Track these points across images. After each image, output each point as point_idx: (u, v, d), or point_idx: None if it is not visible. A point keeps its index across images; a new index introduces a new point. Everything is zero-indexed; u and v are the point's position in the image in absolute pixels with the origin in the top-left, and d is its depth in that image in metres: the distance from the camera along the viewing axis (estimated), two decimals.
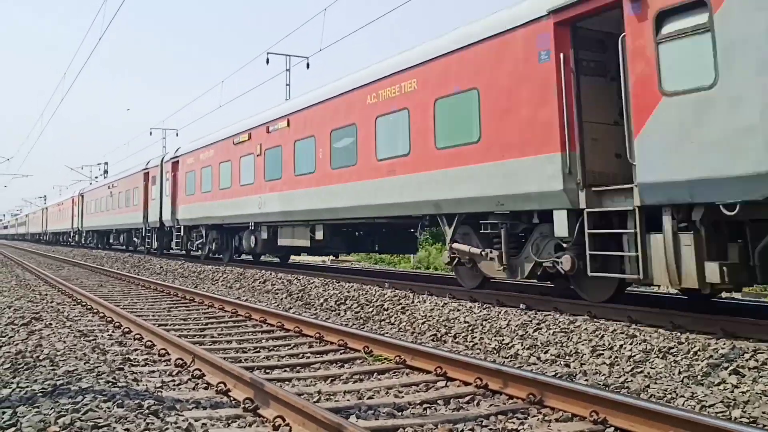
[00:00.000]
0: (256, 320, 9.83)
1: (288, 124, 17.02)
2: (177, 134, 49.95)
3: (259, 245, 19.42)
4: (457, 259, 11.52)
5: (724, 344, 6.59)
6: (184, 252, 26.90)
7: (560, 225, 9.12)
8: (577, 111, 8.97)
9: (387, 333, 9.03)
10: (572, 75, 9.00)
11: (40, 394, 4.96)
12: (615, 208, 8.44)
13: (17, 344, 7.16)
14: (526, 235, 10.22)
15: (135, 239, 33.11)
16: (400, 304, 10.54)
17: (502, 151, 9.96)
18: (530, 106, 9.49)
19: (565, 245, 9.27)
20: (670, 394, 5.62)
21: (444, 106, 11.21)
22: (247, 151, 19.43)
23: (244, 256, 23.30)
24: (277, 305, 12.23)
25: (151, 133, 53.21)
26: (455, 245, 11.41)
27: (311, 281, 14.16)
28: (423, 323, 9.35)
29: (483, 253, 10.72)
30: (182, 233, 25.68)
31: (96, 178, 61.78)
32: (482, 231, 10.72)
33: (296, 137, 16.39)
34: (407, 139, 12.08)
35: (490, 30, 10.31)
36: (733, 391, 5.59)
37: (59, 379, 5.41)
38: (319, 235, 15.74)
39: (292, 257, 24.65)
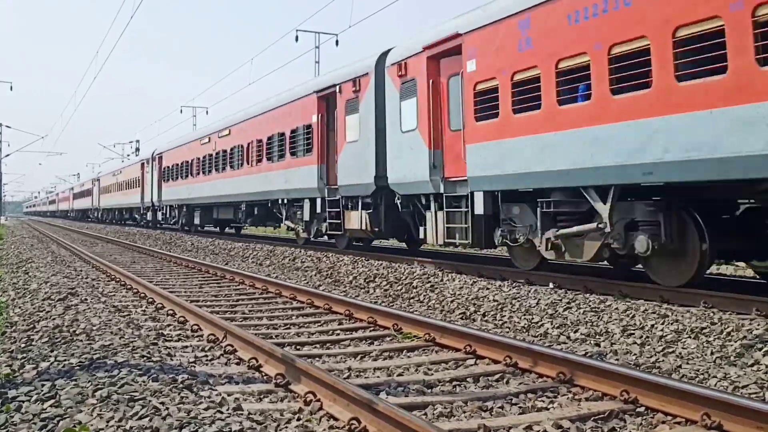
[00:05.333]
0: (287, 297, 9.94)
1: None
2: (207, 112, 50.31)
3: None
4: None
5: (759, 325, 6.50)
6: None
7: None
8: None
9: (416, 311, 9.06)
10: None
11: (78, 367, 5.09)
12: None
13: (54, 319, 7.33)
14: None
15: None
16: (429, 282, 10.56)
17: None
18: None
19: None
20: (703, 374, 5.57)
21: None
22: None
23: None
24: (307, 282, 12.33)
25: (181, 111, 53.35)
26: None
27: (340, 259, 14.24)
28: (452, 301, 9.36)
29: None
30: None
31: (128, 155, 62.57)
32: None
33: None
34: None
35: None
36: (767, 372, 5.51)
37: (96, 353, 5.54)
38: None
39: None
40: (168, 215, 33.41)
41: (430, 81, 12.01)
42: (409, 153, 12.70)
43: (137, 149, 62.98)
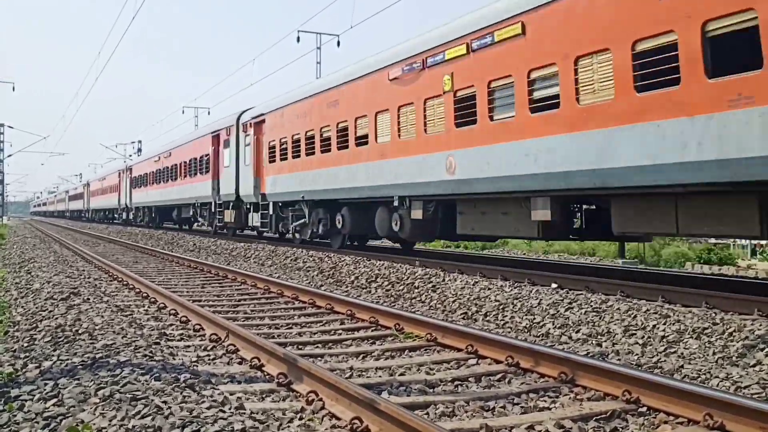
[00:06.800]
0: (288, 297, 9.94)
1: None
2: (209, 113, 50.24)
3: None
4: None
5: (761, 325, 6.49)
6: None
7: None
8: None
9: (418, 311, 9.07)
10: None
11: (80, 366, 5.09)
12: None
13: (57, 318, 7.34)
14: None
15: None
16: (431, 282, 10.56)
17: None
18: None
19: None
20: (705, 374, 5.57)
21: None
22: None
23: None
24: (309, 282, 12.33)
25: (183, 112, 53.20)
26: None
27: (342, 259, 14.24)
28: (454, 301, 9.37)
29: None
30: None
31: (130, 156, 62.47)
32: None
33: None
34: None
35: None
36: None
37: (98, 353, 5.54)
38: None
39: None
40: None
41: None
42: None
43: (139, 149, 62.91)
